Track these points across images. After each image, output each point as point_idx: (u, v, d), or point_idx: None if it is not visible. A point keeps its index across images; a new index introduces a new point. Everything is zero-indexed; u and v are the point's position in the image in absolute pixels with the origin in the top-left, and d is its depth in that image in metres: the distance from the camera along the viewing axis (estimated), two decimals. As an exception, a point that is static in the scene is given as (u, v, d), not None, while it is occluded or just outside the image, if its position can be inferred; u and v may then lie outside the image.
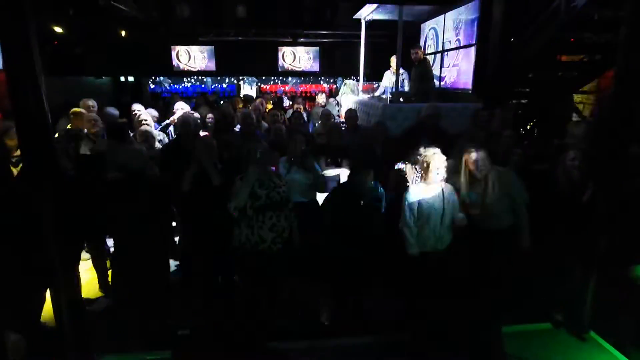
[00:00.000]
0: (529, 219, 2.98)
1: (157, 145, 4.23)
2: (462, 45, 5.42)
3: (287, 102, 9.83)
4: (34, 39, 2.17)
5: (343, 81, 8.21)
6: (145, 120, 4.46)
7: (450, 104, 4.70)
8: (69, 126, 4.31)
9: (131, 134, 4.24)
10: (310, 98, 10.71)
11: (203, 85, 12.13)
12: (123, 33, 8.44)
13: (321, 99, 7.07)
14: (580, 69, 5.59)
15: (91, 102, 4.75)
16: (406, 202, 2.94)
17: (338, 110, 6.64)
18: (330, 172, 3.82)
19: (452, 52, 5.73)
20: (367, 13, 5.77)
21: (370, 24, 6.29)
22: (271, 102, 8.38)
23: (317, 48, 9.20)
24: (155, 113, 5.42)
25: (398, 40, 4.98)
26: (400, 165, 3.54)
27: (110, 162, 3.25)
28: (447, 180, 2.94)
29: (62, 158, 3.12)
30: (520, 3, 5.25)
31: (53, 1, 7.20)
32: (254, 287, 3.03)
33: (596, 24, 4.78)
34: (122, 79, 11.39)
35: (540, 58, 5.09)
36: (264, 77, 11.90)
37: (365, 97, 5.92)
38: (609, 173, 2.83)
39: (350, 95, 6.55)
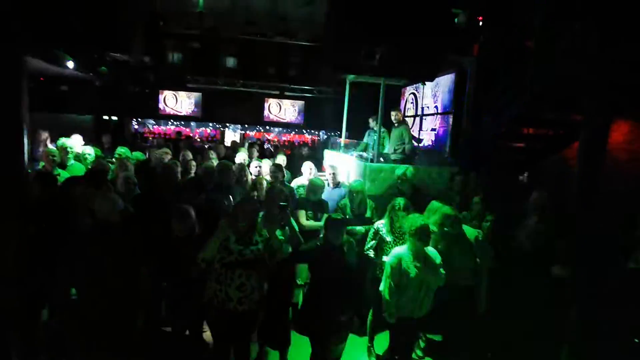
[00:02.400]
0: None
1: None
2: (440, 112, 5.78)
3: (269, 147, 10.00)
4: (25, 76, 2.19)
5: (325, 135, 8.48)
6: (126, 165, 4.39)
7: (428, 166, 4.90)
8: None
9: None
10: (294, 147, 10.94)
11: (187, 129, 12.20)
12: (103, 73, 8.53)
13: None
14: (546, 141, 6.01)
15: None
16: (386, 266, 2.94)
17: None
18: (310, 226, 3.82)
19: (430, 117, 6.08)
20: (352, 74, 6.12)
21: (354, 84, 6.66)
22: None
23: (303, 102, 9.57)
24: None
25: (380, 102, 5.28)
26: (378, 224, 3.58)
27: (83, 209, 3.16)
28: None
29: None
30: (490, 78, 5.71)
31: (44, 40, 7.31)
32: (220, 345, 2.87)
33: (558, 102, 5.23)
34: (105, 117, 11.35)
35: (508, 131, 5.47)
36: (246, 125, 12.16)
37: (347, 154, 6.10)
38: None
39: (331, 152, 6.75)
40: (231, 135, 12.57)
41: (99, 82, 9.06)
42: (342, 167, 5.40)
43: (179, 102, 9.44)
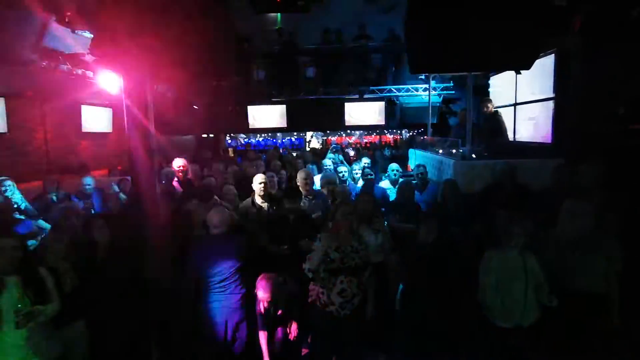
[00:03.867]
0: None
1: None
2: (538, 98, 5.23)
3: (352, 153, 10.09)
4: (151, 103, 2.58)
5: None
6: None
7: (527, 160, 4.46)
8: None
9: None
10: (374, 148, 10.87)
11: (274, 139, 13.01)
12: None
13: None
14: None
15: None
16: (484, 271, 2.78)
17: None
18: (402, 229, 3.78)
19: (526, 105, 5.54)
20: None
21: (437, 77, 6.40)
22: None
23: (383, 103, 9.47)
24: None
25: (468, 95, 4.99)
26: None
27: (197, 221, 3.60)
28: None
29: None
30: (598, 55, 4.98)
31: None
32: (320, 348, 2.99)
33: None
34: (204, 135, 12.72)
35: (627, 113, 4.69)
36: (328, 131, 12.45)
37: (435, 152, 5.88)
38: None
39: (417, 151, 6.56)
40: (314, 141, 13.04)
41: (197, 105, 10.22)
42: (431, 166, 5.23)
43: (265, 115, 10.10)
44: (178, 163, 5.27)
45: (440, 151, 5.49)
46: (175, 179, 5.18)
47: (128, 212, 4.41)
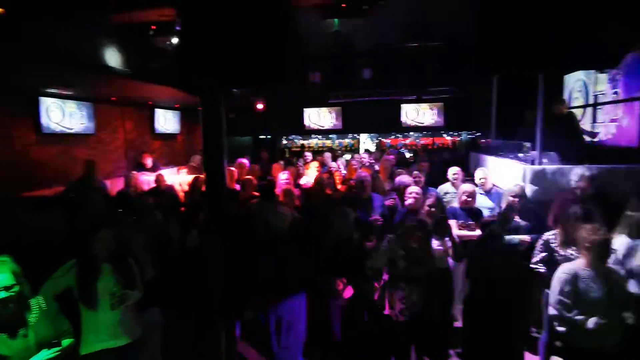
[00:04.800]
0: None
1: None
2: (623, 98, 4.75)
3: (407, 155, 9.90)
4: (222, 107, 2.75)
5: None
6: (286, 179, 5.02)
7: (609, 166, 4.08)
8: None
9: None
10: (431, 151, 10.53)
11: (328, 141, 13.12)
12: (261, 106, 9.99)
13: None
14: None
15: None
16: (560, 283, 2.59)
17: None
18: (464, 236, 3.65)
19: (608, 105, 5.06)
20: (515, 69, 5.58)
21: (503, 77, 6.05)
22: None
23: (442, 104, 9.17)
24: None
25: (539, 96, 4.66)
26: (548, 235, 3.18)
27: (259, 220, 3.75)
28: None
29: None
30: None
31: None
32: (378, 350, 2.98)
33: None
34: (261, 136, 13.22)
35: None
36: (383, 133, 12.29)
37: (499, 155, 5.59)
38: None
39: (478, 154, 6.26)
40: (368, 143, 12.92)
41: (255, 108, 10.64)
42: (494, 171, 4.98)
43: (321, 117, 10.26)
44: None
45: (506, 155, 5.20)
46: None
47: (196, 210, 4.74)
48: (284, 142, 13.91)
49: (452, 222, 3.84)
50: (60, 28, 3.81)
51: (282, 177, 4.88)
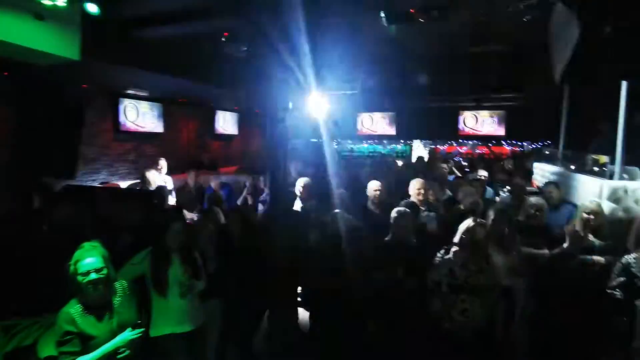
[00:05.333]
0: None
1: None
2: None
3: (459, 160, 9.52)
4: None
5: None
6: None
7: None
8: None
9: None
10: (488, 161, 10.03)
11: (380, 147, 13.02)
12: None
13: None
14: None
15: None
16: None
17: None
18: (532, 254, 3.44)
19: None
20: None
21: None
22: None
23: (503, 111, 8.72)
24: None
25: (621, 105, 4.26)
26: (629, 257, 2.89)
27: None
28: None
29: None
30: None
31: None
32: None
33: None
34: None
35: None
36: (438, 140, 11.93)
37: (569, 168, 5.20)
38: None
39: (545, 165, 5.87)
40: (420, 150, 12.61)
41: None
42: (565, 185, 4.63)
43: (374, 122, 10.20)
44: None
45: (577, 168, 4.82)
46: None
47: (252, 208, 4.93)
48: (335, 146, 14.04)
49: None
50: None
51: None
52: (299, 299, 3.72)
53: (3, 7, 2.03)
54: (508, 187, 5.33)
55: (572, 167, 5.25)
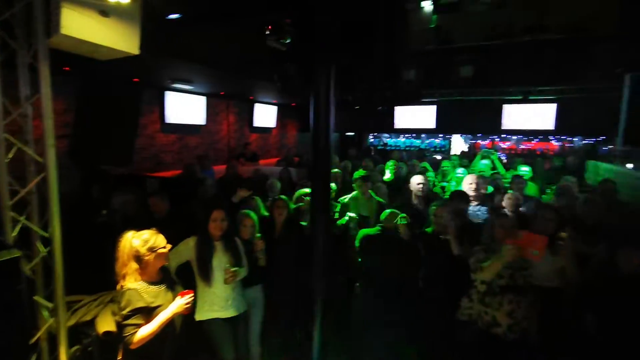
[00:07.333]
0: None
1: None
2: None
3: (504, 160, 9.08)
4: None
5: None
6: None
7: None
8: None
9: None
10: (532, 157, 9.50)
11: (417, 141, 12.75)
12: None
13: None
14: None
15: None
16: None
17: None
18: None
19: None
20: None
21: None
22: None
23: (554, 104, 8.21)
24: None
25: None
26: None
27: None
28: None
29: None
30: None
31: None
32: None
33: None
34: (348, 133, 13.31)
35: None
36: (480, 135, 11.47)
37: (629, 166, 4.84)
38: None
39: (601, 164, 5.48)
40: (460, 145, 12.22)
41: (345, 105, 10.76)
42: (621, 184, 4.32)
43: (413, 115, 9.96)
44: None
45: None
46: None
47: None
48: (371, 139, 13.87)
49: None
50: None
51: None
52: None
53: (73, 5, 2.17)
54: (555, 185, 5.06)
55: (630, 165, 4.88)
